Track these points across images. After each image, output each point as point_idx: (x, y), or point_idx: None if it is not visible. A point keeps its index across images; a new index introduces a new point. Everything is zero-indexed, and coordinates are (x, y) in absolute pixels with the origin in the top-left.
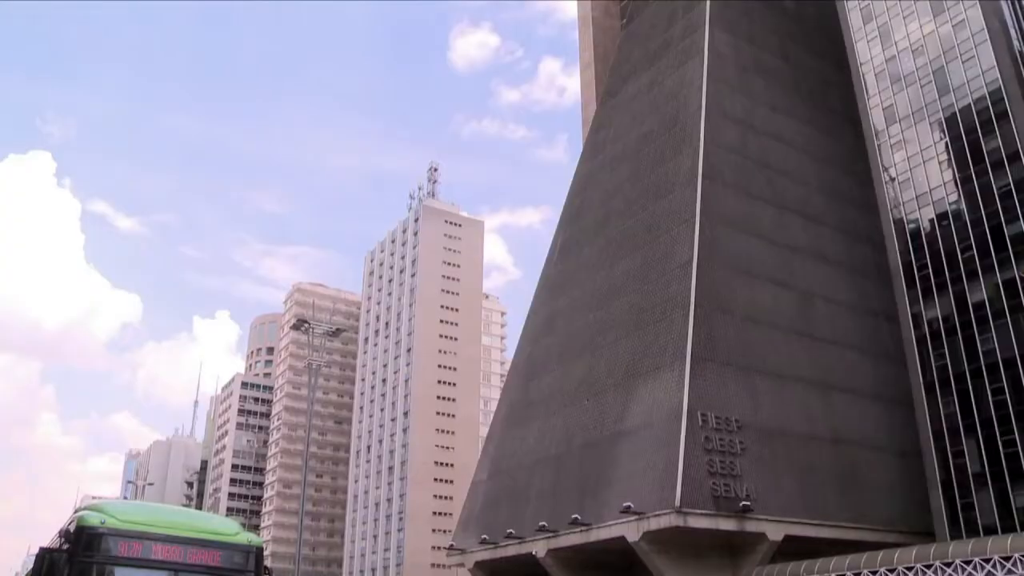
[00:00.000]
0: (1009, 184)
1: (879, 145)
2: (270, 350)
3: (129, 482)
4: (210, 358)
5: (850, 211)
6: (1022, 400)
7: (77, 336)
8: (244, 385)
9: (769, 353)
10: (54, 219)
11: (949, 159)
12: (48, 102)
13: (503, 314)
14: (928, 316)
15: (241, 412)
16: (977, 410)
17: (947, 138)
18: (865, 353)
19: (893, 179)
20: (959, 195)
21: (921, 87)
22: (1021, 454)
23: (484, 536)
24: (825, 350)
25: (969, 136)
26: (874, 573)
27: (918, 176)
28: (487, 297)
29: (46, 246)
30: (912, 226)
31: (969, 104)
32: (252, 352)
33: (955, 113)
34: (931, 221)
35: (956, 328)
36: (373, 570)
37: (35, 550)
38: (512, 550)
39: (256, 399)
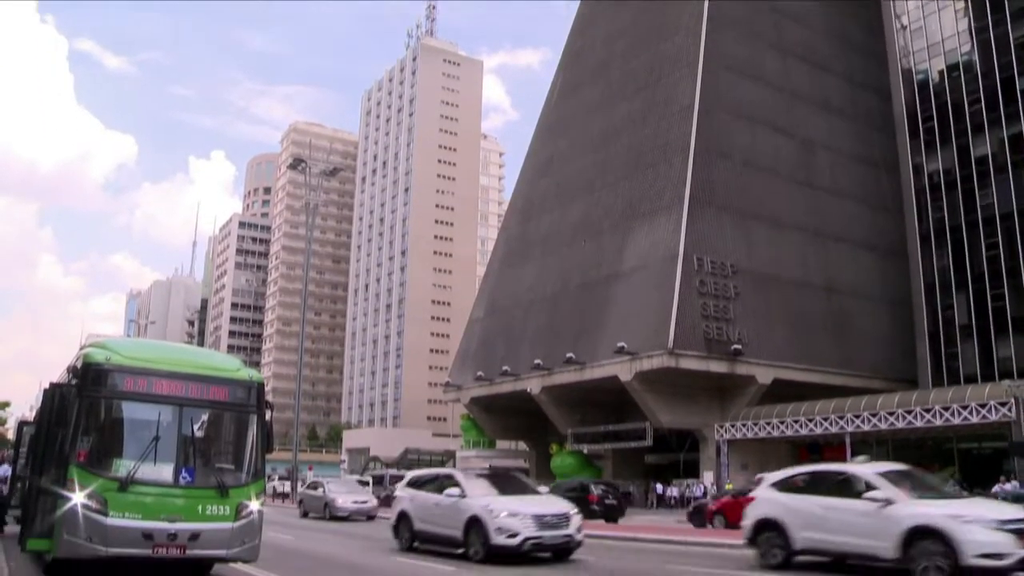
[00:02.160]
0: None
1: None
2: (267, 190)
3: (131, 321)
4: (207, 198)
5: (857, 59)
6: (1015, 255)
7: (73, 177)
8: (242, 225)
9: (767, 199)
10: (41, 59)
11: (966, 7)
12: None
13: (501, 155)
14: (929, 168)
15: (239, 252)
16: (970, 263)
17: None
18: (863, 203)
19: (904, 27)
20: (972, 45)
21: None
22: (1008, 308)
23: (480, 373)
24: (823, 198)
25: None
26: (857, 416)
27: (931, 25)
28: (485, 137)
29: (35, 86)
30: (920, 76)
31: None
32: (249, 192)
33: None
34: (940, 72)
35: (957, 181)
36: (371, 405)
37: (46, 385)
38: (507, 387)
39: (254, 239)
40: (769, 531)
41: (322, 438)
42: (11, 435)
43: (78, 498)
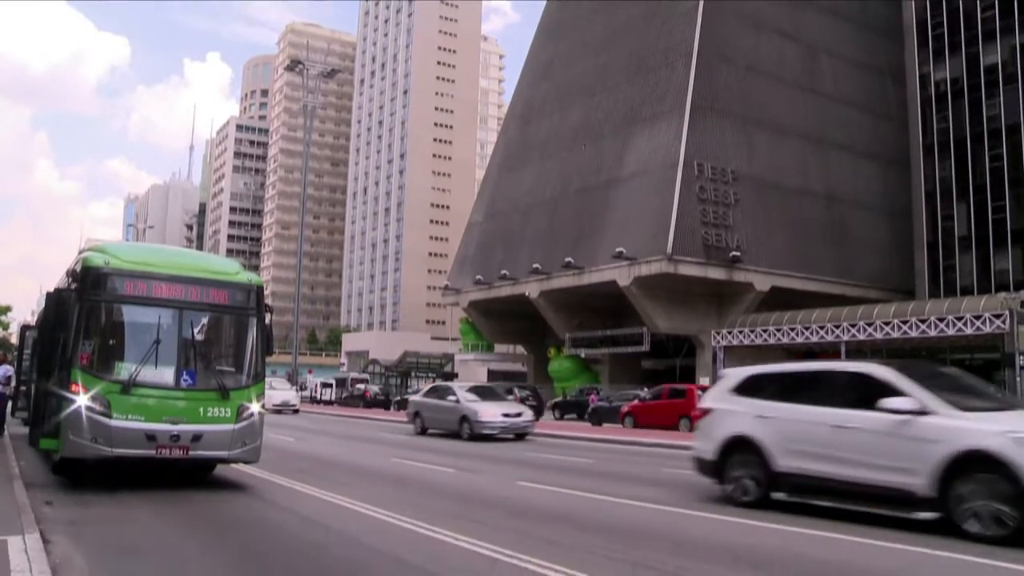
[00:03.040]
0: None
1: None
2: (264, 92)
3: (130, 226)
4: (203, 101)
5: None
6: (1019, 167)
7: (66, 80)
8: (239, 128)
9: (770, 105)
10: None
11: None
12: None
13: (501, 57)
14: (936, 77)
15: (237, 155)
16: (972, 174)
17: None
18: (867, 112)
19: None
20: None
21: None
22: (1008, 220)
23: (478, 277)
24: (827, 106)
25: None
26: (853, 326)
27: None
28: (485, 39)
29: None
30: None
31: None
32: (246, 95)
33: None
34: None
35: (964, 90)
36: (371, 309)
37: (47, 290)
38: (506, 291)
39: (252, 142)
40: None
41: (321, 341)
42: (14, 339)
43: (82, 400)
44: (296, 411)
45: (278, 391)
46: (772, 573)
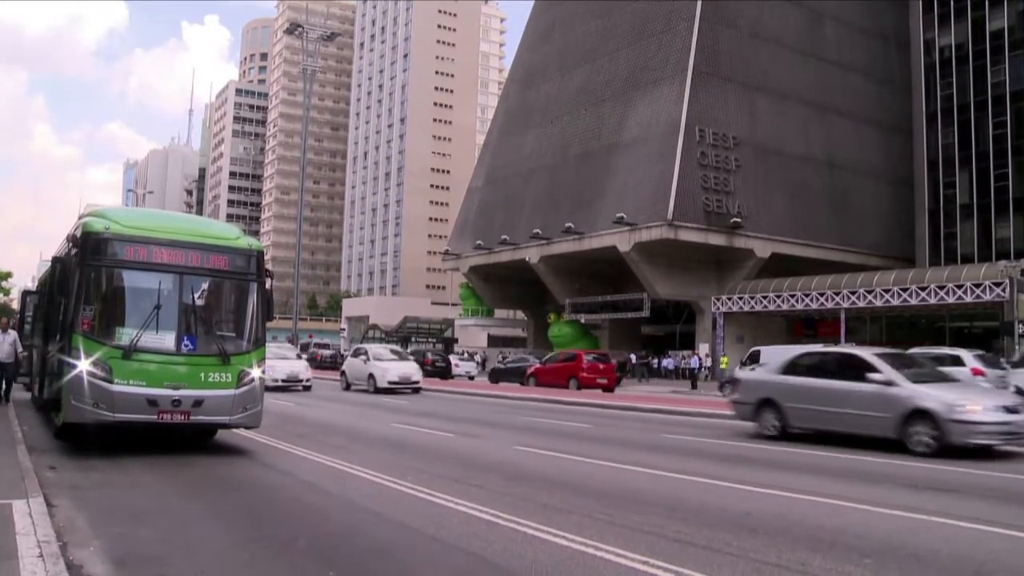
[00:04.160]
0: None
1: None
2: (263, 56)
3: (129, 191)
4: (202, 65)
5: None
6: (1022, 135)
7: (62, 43)
8: (238, 92)
9: (772, 71)
10: None
11: None
12: None
13: (502, 20)
14: (941, 43)
15: (237, 119)
16: (976, 142)
17: None
18: (870, 78)
19: None
20: None
21: None
22: (1011, 188)
23: (479, 242)
24: (830, 72)
25: None
26: (853, 293)
27: None
28: (486, 2)
29: None
30: None
31: None
32: (245, 59)
33: None
34: None
35: (968, 56)
36: (371, 274)
37: (47, 256)
38: (506, 256)
39: (251, 106)
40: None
41: (322, 307)
42: (15, 305)
43: (83, 366)
44: (308, 387)
45: (279, 360)
46: None
